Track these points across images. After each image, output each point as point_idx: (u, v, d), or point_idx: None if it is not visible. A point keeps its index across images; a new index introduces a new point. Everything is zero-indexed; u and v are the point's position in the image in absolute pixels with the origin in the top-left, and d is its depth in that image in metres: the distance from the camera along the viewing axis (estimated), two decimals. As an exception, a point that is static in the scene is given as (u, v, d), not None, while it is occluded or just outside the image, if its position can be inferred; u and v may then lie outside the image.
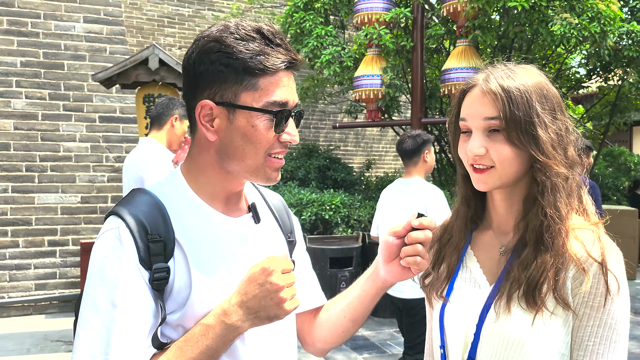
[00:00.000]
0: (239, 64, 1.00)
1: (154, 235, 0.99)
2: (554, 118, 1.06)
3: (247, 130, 1.02)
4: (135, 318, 0.95)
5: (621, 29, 6.22)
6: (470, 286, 1.13)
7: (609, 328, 1.01)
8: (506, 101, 1.02)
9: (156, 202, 1.03)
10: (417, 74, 7.15)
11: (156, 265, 0.98)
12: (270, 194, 1.29)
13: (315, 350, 1.29)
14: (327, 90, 9.69)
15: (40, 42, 6.23)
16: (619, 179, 11.46)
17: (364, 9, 6.98)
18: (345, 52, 7.41)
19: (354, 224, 6.49)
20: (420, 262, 1.08)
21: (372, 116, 7.24)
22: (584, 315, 1.02)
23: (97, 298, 0.95)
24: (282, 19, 8.02)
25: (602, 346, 1.01)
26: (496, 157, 1.04)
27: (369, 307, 1.21)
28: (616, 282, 1.01)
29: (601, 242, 1.03)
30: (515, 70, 1.08)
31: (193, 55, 1.04)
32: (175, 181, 1.10)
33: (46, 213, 6.04)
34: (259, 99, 1.02)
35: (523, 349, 1.02)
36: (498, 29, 6.88)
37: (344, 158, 11.17)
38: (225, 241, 1.07)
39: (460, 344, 1.10)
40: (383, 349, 5.00)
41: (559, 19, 5.88)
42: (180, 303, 1.00)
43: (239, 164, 1.05)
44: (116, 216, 1.00)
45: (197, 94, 1.04)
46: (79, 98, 6.32)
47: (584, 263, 1.02)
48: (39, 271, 5.94)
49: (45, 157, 6.10)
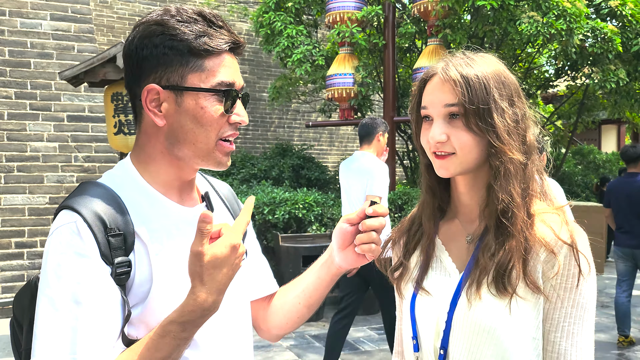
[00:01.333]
0: (183, 46, 0.99)
1: (113, 229, 0.96)
2: (511, 105, 1.07)
3: (197, 112, 1.00)
4: (102, 314, 0.92)
5: (586, 26, 6.35)
6: (440, 275, 1.14)
7: (581, 307, 1.04)
8: (465, 88, 1.04)
9: (112, 194, 1.00)
10: (389, 72, 7.20)
11: (117, 259, 0.95)
12: (219, 184, 1.27)
13: (270, 336, 1.29)
14: (300, 90, 9.69)
15: (5, 40, 6.09)
16: (588, 176, 11.71)
17: (336, 8, 7.00)
18: (317, 51, 7.41)
19: (327, 222, 6.51)
20: (374, 249, 1.09)
21: (345, 115, 7.27)
22: (558, 298, 1.04)
23: (56, 297, 0.91)
24: (253, 18, 7.99)
25: (577, 325, 1.04)
26: (457, 144, 1.05)
27: (324, 293, 1.21)
28: (587, 262, 1.04)
29: (569, 225, 1.06)
30: (474, 58, 1.09)
31: (135, 40, 1.02)
32: (126, 172, 1.07)
33: (13, 214, 5.91)
34: (205, 80, 1.00)
35: (494, 335, 1.03)
36: (468, 28, 6.97)
37: (317, 157, 11.18)
38: (183, 232, 1.05)
39: (432, 333, 1.11)
40: (356, 346, 5.01)
41: (526, 17, 5.98)
42: (141, 297, 0.97)
43: (190, 148, 1.02)
44: (70, 210, 0.96)
45: (141, 79, 1.02)
46: (46, 97, 6.20)
47: (554, 246, 1.04)
48: (5, 274, 5.81)
49: (12, 157, 5.97)
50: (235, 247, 0.90)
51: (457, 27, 6.72)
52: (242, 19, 10.25)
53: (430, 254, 1.17)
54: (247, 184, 7.90)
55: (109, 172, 1.09)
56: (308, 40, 7.42)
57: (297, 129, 11.59)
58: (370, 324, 5.71)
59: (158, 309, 0.97)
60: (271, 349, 4.90)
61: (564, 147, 10.84)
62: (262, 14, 7.61)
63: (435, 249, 1.17)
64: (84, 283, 0.91)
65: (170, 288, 0.99)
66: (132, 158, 1.08)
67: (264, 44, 7.84)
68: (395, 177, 7.51)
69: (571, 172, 11.61)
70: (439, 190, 1.19)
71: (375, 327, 5.57)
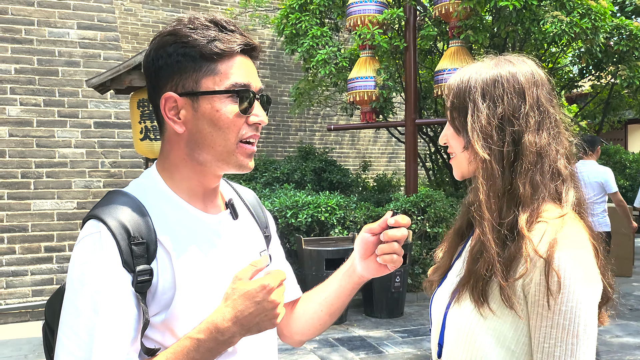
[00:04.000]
0: (195, 52, 1.01)
1: (136, 237, 0.98)
2: (495, 105, 1.04)
3: (213, 115, 1.02)
4: (117, 323, 0.94)
5: (611, 24, 6.27)
6: (457, 275, 1.15)
7: (562, 330, 0.94)
8: (450, 92, 1.12)
9: (137, 203, 1.02)
10: (410, 75, 7.18)
11: (139, 267, 0.97)
12: (244, 190, 1.28)
13: (293, 341, 1.31)
14: (322, 93, 9.72)
15: (34, 49, 6.24)
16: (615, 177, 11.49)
17: (357, 12, 7.01)
18: (340, 52, 7.43)
19: (350, 225, 6.51)
20: (396, 259, 1.11)
21: (367, 118, 7.27)
22: (538, 315, 0.97)
23: (78, 304, 0.94)
24: (276, 20, 8.04)
25: (559, 349, 0.95)
26: (451, 145, 1.14)
27: (346, 300, 1.23)
28: (557, 280, 0.94)
29: (557, 234, 0.97)
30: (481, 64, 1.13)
31: (151, 53, 1.05)
32: (152, 181, 1.08)
33: (42, 219, 6.05)
34: (219, 83, 1.02)
35: (471, 339, 1.03)
36: (490, 28, 6.92)
37: (339, 160, 11.19)
38: (207, 239, 1.06)
39: (437, 329, 1.14)
40: (380, 349, 5.01)
41: (550, 16, 5.92)
42: (164, 304, 0.99)
43: (210, 152, 1.04)
44: (96, 219, 0.99)
45: (159, 89, 1.04)
46: (73, 104, 6.34)
47: (532, 258, 0.97)
48: (35, 277, 5.94)
49: (41, 163, 6.12)
50: (264, 287, 0.95)
51: (479, 28, 6.68)
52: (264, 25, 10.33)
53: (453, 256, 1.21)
54: (270, 187, 7.95)
55: (135, 180, 1.11)
56: (332, 42, 7.44)
57: (318, 132, 11.62)
58: (393, 326, 5.70)
59: (181, 316, 0.99)
60: (295, 352, 4.93)
61: (589, 148, 10.65)
62: (288, 15, 7.65)
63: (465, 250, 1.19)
64: (102, 292, 0.94)
65: (194, 295, 1.01)
66: (158, 167, 1.10)
67: (287, 44, 7.86)
68: (417, 179, 7.48)
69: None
70: None
71: (398, 330, 5.56)
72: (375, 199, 7.87)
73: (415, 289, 6.64)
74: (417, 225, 6.51)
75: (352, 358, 4.77)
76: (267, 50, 10.73)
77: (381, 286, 5.90)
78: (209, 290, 1.02)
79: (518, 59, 1.12)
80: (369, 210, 6.68)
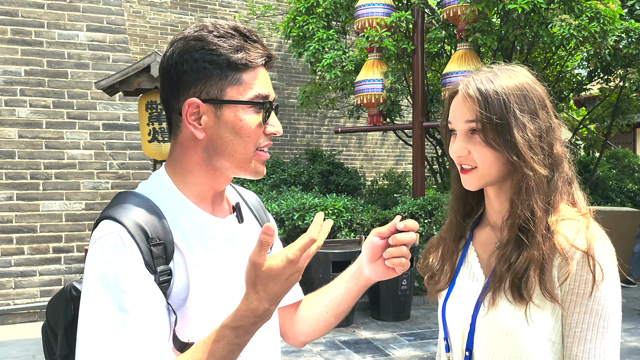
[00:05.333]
0: (222, 60, 1.02)
1: (154, 239, 0.98)
2: (533, 119, 1.08)
3: (236, 124, 1.03)
4: (149, 322, 0.93)
5: (620, 27, 6.24)
6: (469, 280, 1.17)
7: (596, 314, 1.03)
8: (482, 104, 1.07)
9: (151, 204, 1.02)
10: (418, 77, 7.18)
11: (160, 267, 0.97)
12: (247, 193, 1.29)
13: (296, 342, 1.31)
14: (328, 95, 9.73)
15: (44, 51, 6.30)
16: (623, 180, 11.43)
17: (365, 14, 7.02)
18: (346, 56, 7.44)
19: (357, 227, 6.51)
20: (404, 262, 1.11)
21: (374, 120, 7.27)
22: (570, 303, 1.04)
23: (104, 306, 0.92)
24: (284, 23, 8.06)
25: (590, 332, 1.03)
26: (477, 158, 1.10)
27: (352, 303, 1.23)
28: (600, 269, 1.03)
29: (588, 230, 1.06)
30: (498, 73, 1.12)
31: (174, 55, 1.04)
32: (162, 183, 1.09)
33: (51, 220, 6.09)
34: (243, 93, 1.03)
35: (512, 338, 1.06)
36: (498, 31, 6.91)
37: (346, 163, 11.19)
38: (216, 242, 1.07)
39: (459, 335, 1.15)
40: (385, 352, 5.00)
41: (558, 20, 5.90)
42: (178, 304, 1.00)
43: (229, 159, 1.05)
44: (112, 220, 0.98)
45: (180, 93, 1.04)
46: (82, 106, 6.38)
47: (567, 252, 1.04)
48: (44, 278, 5.98)
49: (50, 164, 6.16)
50: (291, 262, 0.90)
51: (487, 31, 6.67)
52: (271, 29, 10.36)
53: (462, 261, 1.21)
54: (277, 189, 7.96)
55: (144, 182, 1.11)
56: (338, 45, 7.46)
57: (325, 134, 11.63)
58: (399, 329, 5.69)
59: (193, 317, 1.00)
60: (301, 354, 4.93)
61: (597, 151, 10.61)
62: (295, 17, 7.67)
63: (467, 255, 1.21)
64: (130, 291, 0.93)
65: (206, 297, 1.02)
66: (167, 169, 1.10)
67: (294, 47, 7.89)
68: (424, 182, 7.47)
69: (605, 176, 11.35)
70: (468, 198, 1.24)
71: (405, 333, 5.55)
72: (383, 202, 7.87)
73: (422, 292, 6.62)
74: (424, 228, 6.50)
75: (359, 361, 4.77)
76: (274, 52, 10.74)
77: (388, 289, 5.89)
78: (219, 292, 1.03)
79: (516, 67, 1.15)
80: (376, 213, 6.68)
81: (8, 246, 5.88)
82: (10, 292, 5.83)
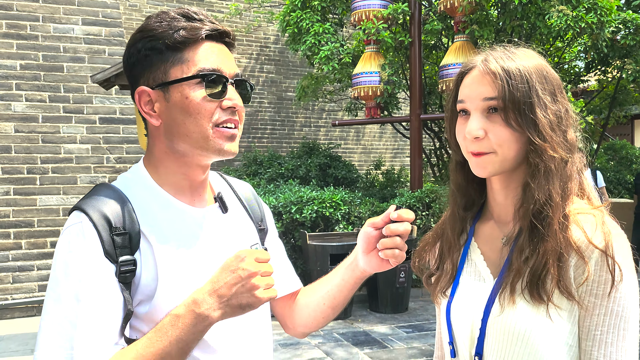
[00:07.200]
0: (160, 44, 1.02)
1: (118, 228, 0.99)
2: (554, 100, 1.02)
3: (183, 102, 1.02)
4: (100, 312, 0.95)
5: (618, 18, 6.23)
6: (475, 280, 1.10)
7: (616, 316, 0.97)
8: (506, 81, 0.99)
9: (120, 195, 1.03)
10: (415, 70, 7.16)
11: (122, 258, 0.98)
12: (240, 184, 1.28)
13: (296, 333, 1.31)
14: (326, 88, 9.70)
15: (39, 45, 6.26)
16: (621, 172, 11.44)
17: (361, 6, 7.00)
18: (343, 48, 7.42)
19: (355, 220, 6.51)
20: (398, 254, 1.09)
21: (372, 113, 7.26)
22: (589, 304, 0.98)
23: (61, 293, 0.95)
24: (279, 17, 8.03)
25: (611, 335, 0.97)
26: (495, 140, 1.01)
27: (349, 295, 1.22)
28: (619, 269, 0.97)
29: (605, 226, 0.99)
30: (515, 52, 1.05)
31: (125, 52, 1.08)
32: (138, 175, 1.10)
33: (48, 215, 6.08)
34: (187, 71, 1.03)
35: (529, 342, 0.99)
36: (496, 23, 6.89)
37: (344, 156, 11.18)
38: (191, 232, 1.07)
39: (467, 339, 1.08)
40: (384, 344, 5.02)
41: (556, 11, 5.89)
42: (148, 295, 1.00)
43: (186, 140, 1.04)
44: (79, 211, 1.00)
45: (135, 86, 1.07)
46: (78, 100, 6.36)
47: (585, 250, 0.98)
48: (42, 272, 5.98)
49: (47, 159, 6.14)
50: (238, 256, 0.97)
51: (484, 22, 6.66)
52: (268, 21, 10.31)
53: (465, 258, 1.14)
54: (274, 183, 7.95)
55: (123, 174, 1.12)
56: (334, 38, 7.43)
57: (323, 127, 11.61)
58: (397, 322, 5.71)
59: (164, 307, 0.99)
60: (300, 346, 4.94)
61: (595, 143, 10.62)
62: (289, 13, 7.64)
63: (470, 253, 1.14)
64: (85, 281, 0.94)
65: (176, 287, 1.01)
66: (145, 161, 1.12)
67: (290, 43, 7.87)
68: (422, 175, 7.47)
69: (603, 168, 11.36)
70: (469, 190, 1.16)
71: (404, 326, 5.57)
72: (380, 194, 7.86)
73: (419, 284, 6.64)
74: (422, 220, 6.51)
75: (357, 353, 4.78)
76: (271, 45, 10.70)
77: (386, 281, 5.90)
78: (191, 282, 1.02)
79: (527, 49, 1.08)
80: (374, 206, 6.68)
81: (6, 241, 5.87)
82: (8, 287, 5.83)
